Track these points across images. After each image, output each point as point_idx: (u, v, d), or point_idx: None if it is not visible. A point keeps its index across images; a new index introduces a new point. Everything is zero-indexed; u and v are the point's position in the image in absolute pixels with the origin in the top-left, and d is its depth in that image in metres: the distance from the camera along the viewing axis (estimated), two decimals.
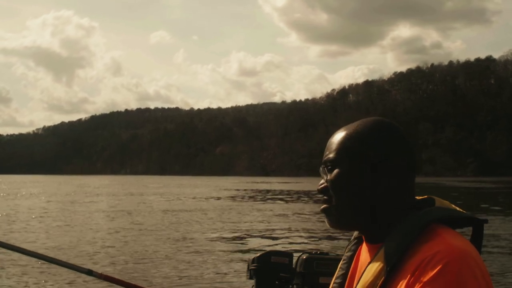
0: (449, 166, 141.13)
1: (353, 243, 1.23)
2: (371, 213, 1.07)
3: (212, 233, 16.24)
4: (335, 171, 1.11)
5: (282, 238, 15.36)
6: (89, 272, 1.01)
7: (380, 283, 0.98)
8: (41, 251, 10.75)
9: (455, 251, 0.94)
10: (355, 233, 1.24)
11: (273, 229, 17.33)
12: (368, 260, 1.06)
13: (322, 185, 1.14)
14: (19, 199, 34.80)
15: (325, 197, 1.13)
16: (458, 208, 1.07)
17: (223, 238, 15.14)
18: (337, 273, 1.21)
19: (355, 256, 1.19)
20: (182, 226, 18.20)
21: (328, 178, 1.12)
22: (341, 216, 1.11)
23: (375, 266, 1.02)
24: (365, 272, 1.04)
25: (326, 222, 1.14)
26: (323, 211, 1.14)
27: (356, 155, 1.10)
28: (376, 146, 1.09)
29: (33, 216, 21.30)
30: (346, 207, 1.09)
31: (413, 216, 1.03)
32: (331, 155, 1.13)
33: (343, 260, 1.23)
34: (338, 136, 1.15)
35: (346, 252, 1.23)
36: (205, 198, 36.14)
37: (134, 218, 20.90)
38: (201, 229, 17.14)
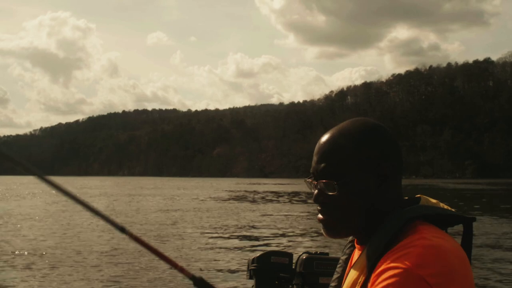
0: (448, 168, 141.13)
1: (348, 246, 1.23)
2: (369, 218, 1.07)
3: (211, 233, 15.96)
4: (341, 186, 1.07)
5: (282, 238, 15.08)
6: (122, 230, 1.18)
7: (362, 281, 0.99)
8: (43, 249, 10.44)
9: (430, 244, 0.94)
10: (351, 237, 1.23)
11: (273, 229, 17.04)
12: None
13: (320, 197, 1.11)
14: (18, 200, 34.41)
15: (323, 209, 1.11)
16: (446, 206, 1.07)
17: (223, 238, 14.87)
18: (334, 276, 1.21)
19: (350, 259, 1.19)
20: (181, 226, 17.91)
21: (333, 193, 1.08)
22: (342, 227, 1.10)
23: (358, 265, 1.04)
24: (350, 272, 1.07)
25: (324, 232, 1.13)
26: (321, 222, 1.12)
27: (363, 165, 1.07)
28: (377, 150, 1.08)
29: (35, 217, 20.98)
30: (350, 220, 1.08)
31: (395, 214, 1.03)
32: (333, 169, 1.09)
33: (338, 264, 1.22)
34: (335, 143, 1.10)
35: (342, 256, 1.22)
36: (204, 199, 35.80)
37: (133, 218, 20.60)
38: (200, 229, 16.85)
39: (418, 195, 1.12)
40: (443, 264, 0.93)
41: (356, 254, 1.14)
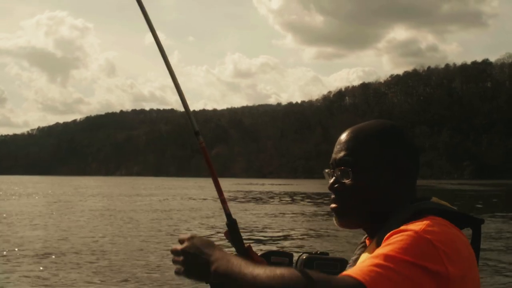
0: (446, 170, 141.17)
1: (359, 247, 1.24)
2: (380, 211, 1.11)
3: (210, 233, 15.76)
4: (356, 174, 1.12)
5: (282, 238, 14.91)
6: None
7: None
8: (40, 246, 10.19)
9: (440, 222, 0.98)
10: (363, 238, 1.25)
11: (273, 229, 16.87)
12: None
13: (335, 185, 1.16)
14: (13, 199, 34.20)
15: (336, 197, 1.16)
16: (455, 209, 1.09)
17: (222, 238, 14.65)
18: None
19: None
20: (180, 226, 17.73)
21: (348, 181, 1.13)
22: (353, 216, 1.15)
23: (366, 255, 1.07)
24: (358, 261, 1.09)
25: (336, 221, 1.18)
26: (333, 210, 1.17)
27: (379, 158, 1.13)
28: (397, 148, 1.14)
29: (27, 216, 20.80)
30: (362, 210, 1.12)
31: (406, 207, 1.08)
32: (349, 158, 1.14)
33: (348, 264, 1.24)
34: (355, 136, 1.16)
35: (353, 256, 1.23)
36: (203, 199, 35.60)
37: (133, 219, 20.40)
38: (200, 229, 16.66)
39: (431, 197, 1.15)
40: (451, 240, 0.96)
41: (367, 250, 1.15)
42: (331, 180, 1.17)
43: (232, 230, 1.29)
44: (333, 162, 1.18)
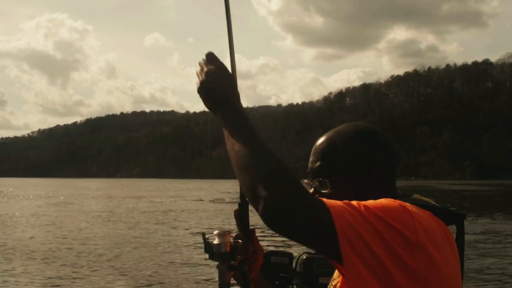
0: (447, 170, 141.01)
1: None
2: None
3: (210, 234, 15.66)
4: (335, 183, 1.12)
5: (282, 238, 14.78)
6: None
7: None
8: (41, 247, 10.13)
9: (413, 206, 0.96)
10: None
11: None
12: None
13: (316, 195, 1.12)
14: (14, 202, 34.14)
15: None
16: (437, 204, 1.08)
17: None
18: (335, 274, 1.21)
19: None
20: (180, 227, 17.67)
21: (327, 191, 1.12)
22: None
23: None
24: None
25: None
26: None
27: (355, 163, 1.11)
28: (368, 151, 1.12)
29: (27, 219, 20.74)
30: None
31: None
32: (326, 167, 1.14)
33: None
34: (329, 144, 1.16)
35: None
36: (203, 201, 35.52)
37: (134, 221, 20.32)
38: (200, 230, 16.57)
39: (413, 195, 1.13)
40: (430, 223, 0.95)
41: None
42: (311, 191, 1.16)
43: (242, 210, 1.32)
44: (310, 172, 1.18)
